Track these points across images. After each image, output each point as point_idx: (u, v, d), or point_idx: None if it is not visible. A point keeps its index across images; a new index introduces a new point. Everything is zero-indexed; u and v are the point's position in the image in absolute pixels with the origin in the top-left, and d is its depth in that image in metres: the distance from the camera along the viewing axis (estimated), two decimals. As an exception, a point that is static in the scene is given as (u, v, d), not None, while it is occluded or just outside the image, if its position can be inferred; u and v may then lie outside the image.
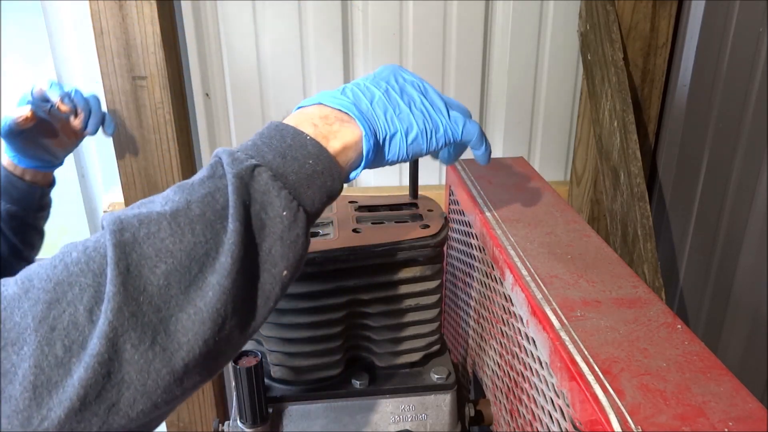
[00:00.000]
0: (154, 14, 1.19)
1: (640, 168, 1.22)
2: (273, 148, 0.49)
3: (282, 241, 0.46)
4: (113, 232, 0.41)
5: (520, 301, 0.62)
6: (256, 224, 0.46)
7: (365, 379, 0.71)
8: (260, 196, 0.46)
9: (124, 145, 1.27)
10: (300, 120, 0.53)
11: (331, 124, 0.53)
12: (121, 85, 1.23)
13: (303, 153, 0.49)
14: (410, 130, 0.56)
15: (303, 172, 0.49)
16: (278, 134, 0.50)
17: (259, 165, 0.47)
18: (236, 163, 0.46)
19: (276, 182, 0.46)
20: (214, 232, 0.44)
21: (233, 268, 0.43)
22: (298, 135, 0.50)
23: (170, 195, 0.45)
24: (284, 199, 0.47)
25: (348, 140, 0.53)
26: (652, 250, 1.16)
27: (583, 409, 0.47)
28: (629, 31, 1.35)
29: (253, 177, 0.46)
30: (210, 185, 0.45)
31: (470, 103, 1.48)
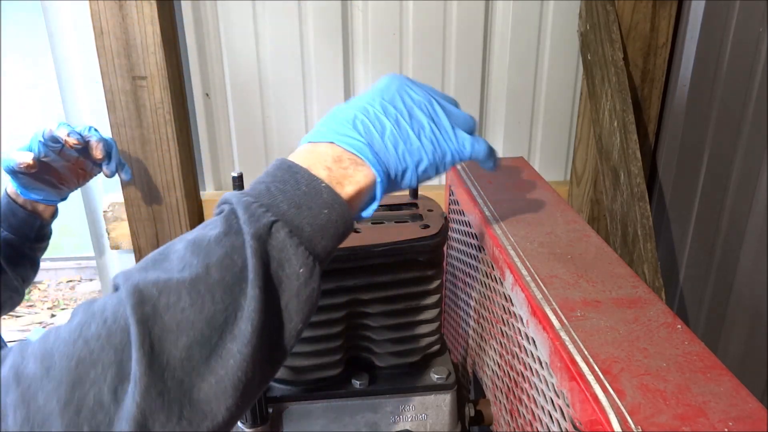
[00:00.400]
0: (154, 14, 1.19)
1: (640, 168, 1.22)
2: (288, 196, 0.48)
3: (298, 298, 0.46)
4: (134, 306, 0.40)
5: (520, 301, 0.62)
6: (274, 282, 0.45)
7: (365, 379, 0.71)
8: (277, 253, 0.45)
9: (124, 145, 1.27)
10: (312, 161, 0.51)
11: (345, 168, 0.52)
12: (121, 85, 1.23)
13: (318, 202, 0.48)
14: (421, 162, 0.56)
15: (318, 223, 0.48)
16: (292, 179, 0.49)
17: (276, 220, 0.46)
18: (253, 220, 0.45)
19: (293, 239, 0.46)
20: (233, 296, 0.43)
21: (253, 336, 0.43)
22: (313, 181, 0.49)
23: (187, 257, 0.44)
24: (301, 255, 0.46)
25: (362, 185, 0.52)
26: (652, 250, 1.16)
27: (583, 409, 0.47)
28: (629, 31, 1.35)
29: (271, 234, 0.45)
30: (227, 244, 0.44)
31: (470, 103, 1.48)
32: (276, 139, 1.47)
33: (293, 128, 1.46)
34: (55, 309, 3.43)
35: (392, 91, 0.58)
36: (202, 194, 1.46)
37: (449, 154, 0.58)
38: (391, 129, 0.55)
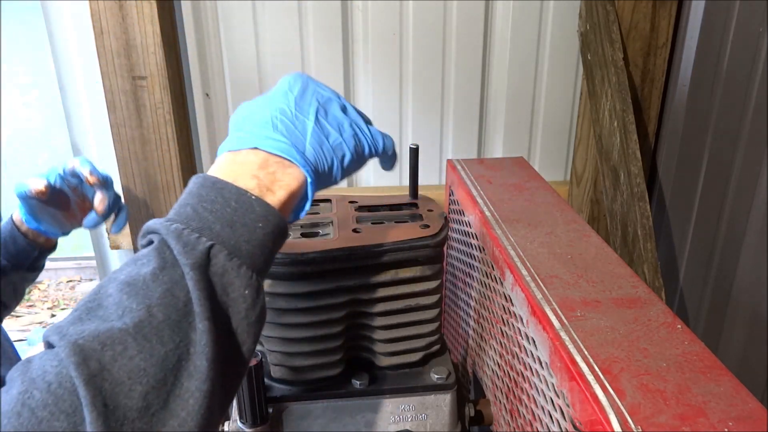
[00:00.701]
0: (154, 14, 1.19)
1: (640, 168, 1.22)
2: (218, 216, 0.45)
3: (248, 320, 0.45)
4: (77, 365, 0.37)
5: (520, 301, 0.62)
6: (221, 309, 0.43)
7: (365, 379, 0.71)
8: (219, 278, 0.43)
9: (124, 145, 1.27)
10: (237, 173, 0.48)
11: (273, 173, 0.49)
12: (121, 85, 1.23)
13: (251, 217, 0.46)
14: (345, 156, 0.55)
15: (255, 240, 0.46)
16: (219, 196, 0.46)
17: (214, 244, 0.43)
18: (188, 249, 0.43)
19: (233, 260, 0.44)
20: (182, 333, 0.41)
21: (210, 369, 0.41)
22: (242, 196, 0.47)
23: (124, 301, 0.41)
24: (244, 276, 0.44)
25: (293, 188, 0.50)
26: (652, 250, 1.16)
27: (583, 409, 0.47)
28: (629, 31, 1.35)
29: (210, 260, 0.43)
30: (165, 280, 0.42)
31: (470, 103, 1.48)
32: (276, 139, 1.47)
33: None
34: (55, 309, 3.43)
35: (302, 90, 0.56)
36: (202, 194, 1.45)
37: (366, 147, 0.57)
38: (312, 127, 0.53)
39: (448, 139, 1.51)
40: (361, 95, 1.46)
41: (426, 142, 1.50)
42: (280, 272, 0.64)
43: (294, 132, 0.52)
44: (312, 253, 0.64)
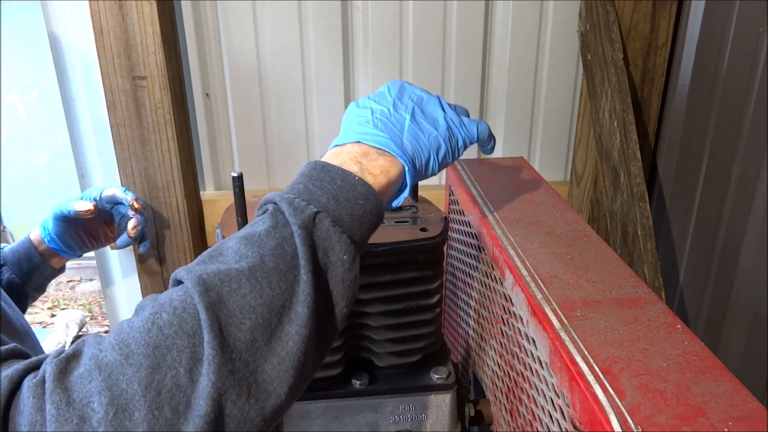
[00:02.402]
0: (154, 14, 1.19)
1: (640, 168, 1.22)
2: (326, 191, 0.51)
3: (343, 283, 0.50)
4: (201, 294, 0.43)
5: (520, 301, 0.62)
6: (322, 268, 0.49)
7: (365, 379, 0.71)
8: (323, 242, 0.49)
9: (124, 145, 1.27)
10: (343, 159, 0.56)
11: (375, 160, 0.56)
12: (121, 85, 1.23)
13: (354, 194, 0.52)
14: (440, 149, 0.61)
15: (356, 214, 0.51)
16: (327, 176, 0.52)
17: (320, 211, 0.49)
18: (298, 213, 0.49)
19: (336, 227, 0.49)
20: (288, 282, 0.46)
21: (309, 318, 0.46)
22: (347, 176, 0.53)
23: (242, 249, 0.47)
24: (344, 243, 0.50)
25: (392, 176, 0.56)
26: (652, 250, 1.16)
27: (583, 409, 0.47)
28: (629, 31, 1.35)
29: (315, 224, 0.49)
30: (277, 236, 0.48)
31: (470, 103, 1.48)
32: (276, 139, 1.47)
33: (293, 128, 1.46)
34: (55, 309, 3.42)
35: (399, 92, 0.63)
36: (202, 194, 1.46)
37: (461, 139, 0.63)
38: (409, 124, 0.60)
39: (448, 139, 1.51)
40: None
41: (426, 142, 1.49)
42: (280, 272, 0.63)
43: (392, 129, 0.59)
44: (312, 253, 0.63)
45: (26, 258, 1.03)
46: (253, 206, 0.74)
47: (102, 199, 1.11)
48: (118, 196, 1.12)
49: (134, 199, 1.13)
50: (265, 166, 1.49)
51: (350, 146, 0.57)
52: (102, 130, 1.36)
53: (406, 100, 0.63)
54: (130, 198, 1.12)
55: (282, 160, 1.49)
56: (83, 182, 1.45)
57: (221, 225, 0.71)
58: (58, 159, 3.36)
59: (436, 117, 0.62)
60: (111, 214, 1.15)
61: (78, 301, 3.51)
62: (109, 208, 1.13)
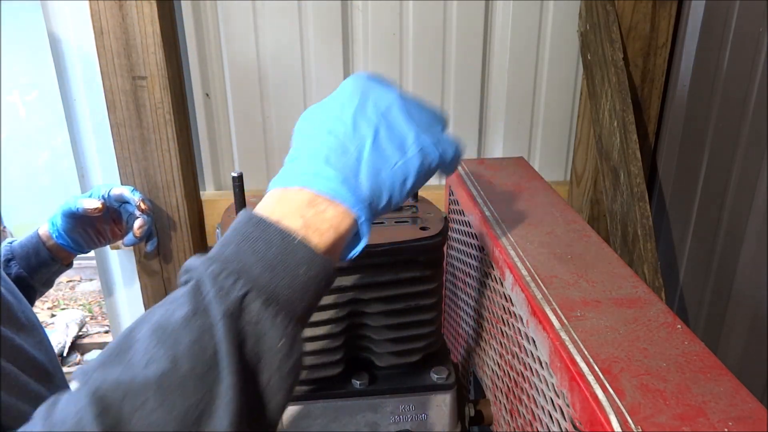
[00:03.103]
0: (154, 14, 1.19)
1: (640, 168, 1.22)
2: (260, 257, 0.43)
3: (280, 372, 0.42)
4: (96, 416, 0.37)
5: (520, 301, 0.62)
6: (252, 361, 0.41)
7: (365, 379, 0.71)
8: (253, 328, 0.41)
9: (124, 145, 1.27)
10: (284, 211, 0.46)
11: (322, 212, 0.46)
12: (121, 85, 1.23)
13: (294, 260, 0.44)
14: (407, 180, 0.49)
15: (296, 285, 0.43)
16: (263, 237, 0.44)
17: (249, 291, 0.41)
18: (222, 295, 0.41)
19: (269, 308, 0.42)
20: (207, 385, 0.39)
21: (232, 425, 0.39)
22: (287, 238, 0.44)
23: (152, 348, 0.39)
24: (280, 326, 0.42)
25: (342, 230, 0.47)
26: (652, 250, 1.16)
27: (583, 409, 0.47)
28: (629, 31, 1.35)
29: (243, 308, 0.41)
30: (195, 326, 0.40)
31: (470, 103, 1.48)
32: (276, 139, 1.47)
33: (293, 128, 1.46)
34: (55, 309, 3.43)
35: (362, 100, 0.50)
36: (202, 194, 1.46)
37: (436, 160, 0.51)
38: (369, 150, 0.48)
39: (448, 139, 1.51)
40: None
41: (426, 142, 1.49)
42: (280, 272, 0.63)
43: (347, 164, 0.48)
44: (312, 253, 0.63)
45: (34, 253, 1.03)
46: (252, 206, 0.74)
47: (110, 197, 1.11)
48: (125, 195, 1.12)
49: (141, 200, 1.13)
50: (265, 166, 1.49)
51: (294, 191, 0.47)
52: (102, 130, 1.36)
53: (370, 112, 0.49)
54: (137, 198, 1.12)
55: (282, 160, 1.48)
56: (83, 182, 1.45)
57: (221, 225, 0.71)
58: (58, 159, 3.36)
59: (405, 136, 0.49)
60: (119, 211, 1.15)
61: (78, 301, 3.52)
62: (117, 206, 1.14)
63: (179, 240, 1.34)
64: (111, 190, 1.11)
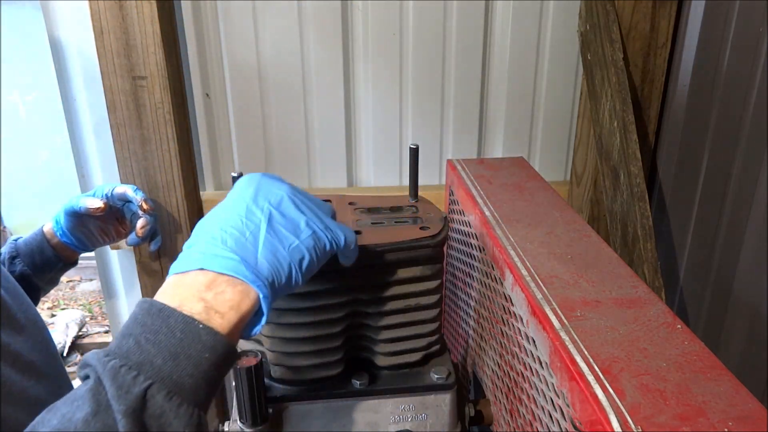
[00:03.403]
0: (154, 14, 1.19)
1: (640, 168, 1.22)
2: (162, 348, 0.42)
3: None
4: None
5: (520, 301, 0.62)
6: None
7: (365, 379, 0.71)
8: (156, 420, 0.41)
9: (124, 145, 1.27)
10: (183, 297, 0.46)
11: (222, 293, 0.47)
12: (121, 85, 1.23)
13: (198, 347, 0.43)
14: (303, 260, 0.52)
15: (199, 372, 0.43)
16: (164, 325, 0.43)
17: (151, 384, 0.41)
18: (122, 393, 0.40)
19: (172, 400, 0.41)
20: None
21: None
22: (189, 324, 0.44)
23: None
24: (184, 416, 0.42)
25: (244, 309, 0.47)
26: (652, 250, 1.16)
27: (583, 409, 0.47)
28: (629, 31, 1.35)
29: (147, 402, 0.40)
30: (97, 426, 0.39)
31: (470, 103, 1.48)
32: (276, 139, 1.47)
33: (293, 128, 1.46)
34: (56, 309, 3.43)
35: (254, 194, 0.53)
36: (202, 194, 1.46)
37: (328, 244, 0.54)
38: (265, 236, 0.50)
39: (448, 139, 1.51)
40: (360, 95, 1.46)
41: (426, 142, 1.50)
42: (280, 272, 0.63)
43: (244, 245, 0.49)
44: (312, 253, 0.63)
45: (39, 251, 1.03)
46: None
47: (113, 196, 1.11)
48: (128, 194, 1.12)
49: (143, 200, 1.13)
50: (265, 166, 1.49)
51: (193, 275, 0.47)
52: (102, 130, 1.36)
53: (262, 202, 0.52)
54: (140, 198, 1.12)
55: (282, 160, 1.49)
56: (83, 182, 1.45)
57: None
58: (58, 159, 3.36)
59: (298, 222, 0.53)
60: (122, 210, 1.15)
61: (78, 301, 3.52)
62: (120, 205, 1.14)
63: (179, 240, 1.34)
64: (114, 188, 1.11)
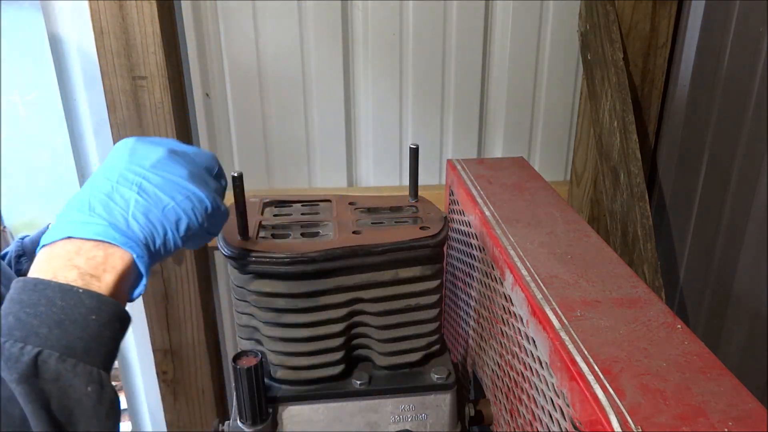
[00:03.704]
0: (154, 14, 1.19)
1: (640, 168, 1.22)
2: (44, 319, 0.42)
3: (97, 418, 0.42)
4: None
5: (520, 301, 0.62)
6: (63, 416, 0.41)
7: (365, 379, 0.71)
8: (54, 385, 0.41)
9: (124, 145, 1.27)
10: (55, 267, 0.45)
11: (94, 258, 0.46)
12: (121, 85, 1.23)
13: (82, 311, 0.44)
14: (180, 221, 0.51)
15: (89, 334, 0.43)
16: (43, 298, 0.43)
17: (41, 351, 0.41)
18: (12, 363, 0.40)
19: (66, 362, 0.41)
20: None
21: None
22: (68, 292, 0.44)
23: None
24: (82, 374, 0.42)
25: (120, 269, 0.47)
26: (652, 250, 1.16)
27: (583, 409, 0.47)
28: (629, 31, 1.35)
29: (39, 368, 0.40)
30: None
31: (470, 103, 1.48)
32: (276, 139, 1.47)
33: (293, 128, 1.46)
34: (55, 309, 3.42)
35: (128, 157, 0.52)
36: (202, 194, 1.45)
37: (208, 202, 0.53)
38: (135, 198, 0.49)
39: (448, 139, 1.51)
40: (360, 95, 1.46)
41: (426, 142, 1.50)
42: (280, 272, 0.64)
43: (113, 209, 0.48)
44: (312, 253, 0.64)
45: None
46: (253, 206, 0.74)
47: None
48: None
49: None
50: (265, 166, 1.49)
51: (61, 245, 0.47)
52: (102, 130, 1.36)
53: (134, 166, 0.51)
54: None
55: (282, 160, 1.49)
56: (83, 182, 1.45)
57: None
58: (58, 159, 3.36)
59: (175, 183, 0.51)
60: None
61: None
62: None
63: (179, 240, 1.34)
64: None
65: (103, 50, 1.21)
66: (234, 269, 0.66)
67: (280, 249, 0.63)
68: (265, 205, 0.76)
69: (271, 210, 0.75)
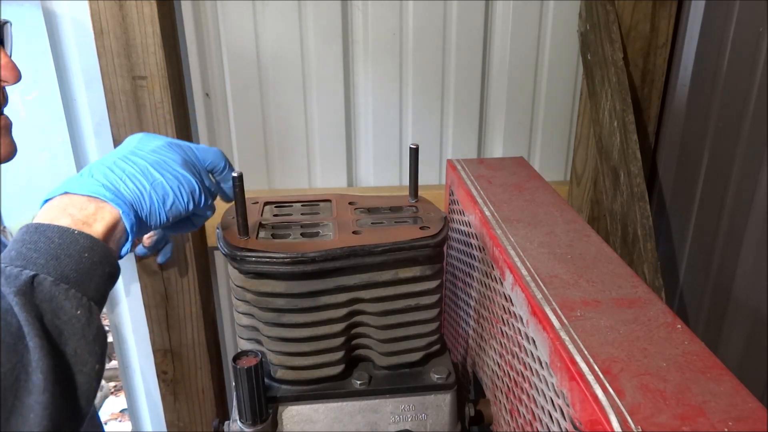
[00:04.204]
0: (154, 14, 1.19)
1: (640, 168, 1.22)
2: (43, 252, 0.48)
3: (85, 339, 0.47)
4: None
5: (520, 301, 0.62)
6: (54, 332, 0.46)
7: (365, 379, 0.71)
8: (48, 304, 0.46)
9: (124, 145, 1.27)
10: (53, 215, 0.52)
11: (85, 209, 0.53)
12: (121, 85, 1.23)
13: (76, 248, 0.49)
14: (167, 196, 0.59)
15: (83, 268, 0.49)
16: (42, 237, 0.49)
17: (37, 274, 0.46)
18: (11, 280, 0.45)
19: (60, 285, 0.47)
20: (17, 354, 0.43)
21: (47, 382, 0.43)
22: (64, 232, 0.50)
23: None
24: (74, 298, 0.47)
25: (109, 222, 0.54)
26: (652, 250, 1.16)
27: (583, 409, 0.47)
28: (629, 31, 1.35)
29: (35, 288, 0.46)
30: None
31: (470, 103, 1.48)
32: (276, 139, 1.47)
33: (293, 128, 1.46)
34: (55, 309, 3.42)
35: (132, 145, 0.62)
36: (202, 194, 1.45)
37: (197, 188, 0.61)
38: (131, 170, 0.57)
39: (448, 139, 1.51)
40: (360, 95, 1.46)
41: (426, 142, 1.50)
42: (280, 272, 0.64)
43: (108, 175, 0.56)
44: (312, 253, 0.64)
45: None
46: (253, 206, 0.74)
47: None
48: None
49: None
50: (265, 166, 1.49)
51: (59, 199, 0.54)
52: (102, 130, 1.36)
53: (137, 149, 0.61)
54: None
55: (282, 160, 1.49)
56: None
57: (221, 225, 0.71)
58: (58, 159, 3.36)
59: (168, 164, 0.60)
60: None
61: (78, 301, 3.51)
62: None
63: (179, 241, 1.34)
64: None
65: (103, 50, 1.21)
66: (234, 269, 0.66)
67: (280, 249, 0.63)
68: (265, 205, 0.76)
69: (271, 210, 0.75)
